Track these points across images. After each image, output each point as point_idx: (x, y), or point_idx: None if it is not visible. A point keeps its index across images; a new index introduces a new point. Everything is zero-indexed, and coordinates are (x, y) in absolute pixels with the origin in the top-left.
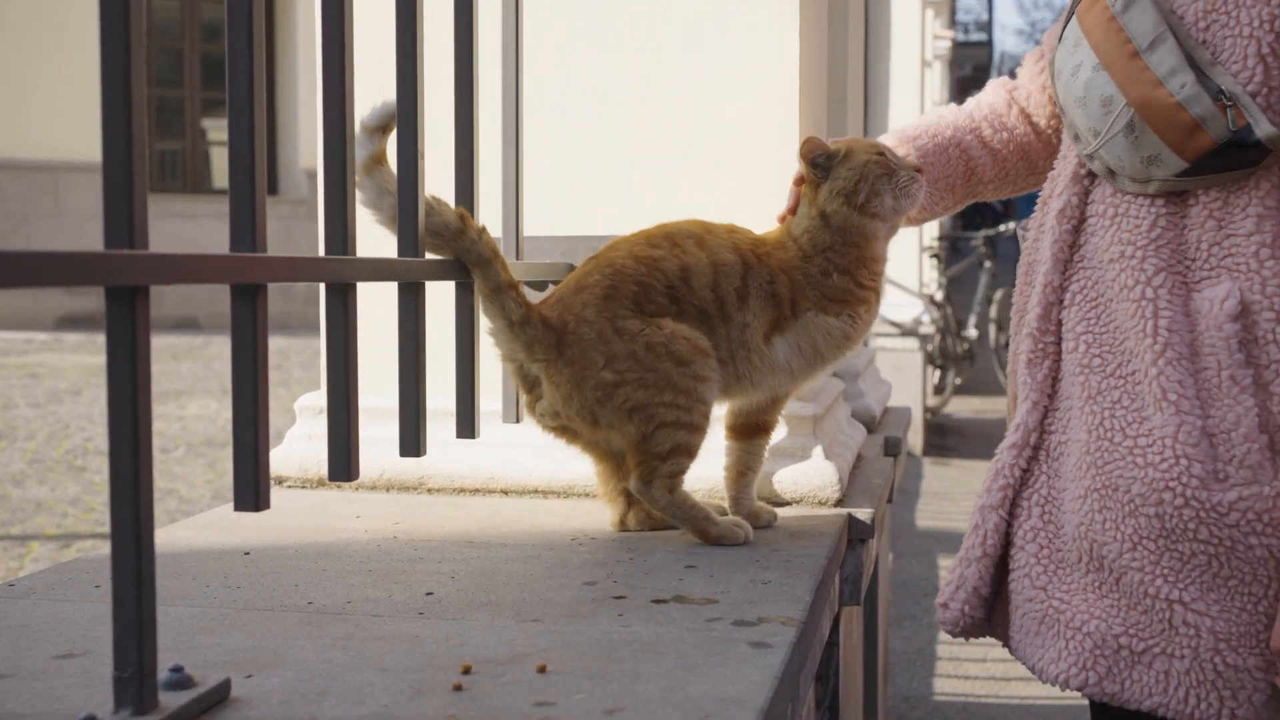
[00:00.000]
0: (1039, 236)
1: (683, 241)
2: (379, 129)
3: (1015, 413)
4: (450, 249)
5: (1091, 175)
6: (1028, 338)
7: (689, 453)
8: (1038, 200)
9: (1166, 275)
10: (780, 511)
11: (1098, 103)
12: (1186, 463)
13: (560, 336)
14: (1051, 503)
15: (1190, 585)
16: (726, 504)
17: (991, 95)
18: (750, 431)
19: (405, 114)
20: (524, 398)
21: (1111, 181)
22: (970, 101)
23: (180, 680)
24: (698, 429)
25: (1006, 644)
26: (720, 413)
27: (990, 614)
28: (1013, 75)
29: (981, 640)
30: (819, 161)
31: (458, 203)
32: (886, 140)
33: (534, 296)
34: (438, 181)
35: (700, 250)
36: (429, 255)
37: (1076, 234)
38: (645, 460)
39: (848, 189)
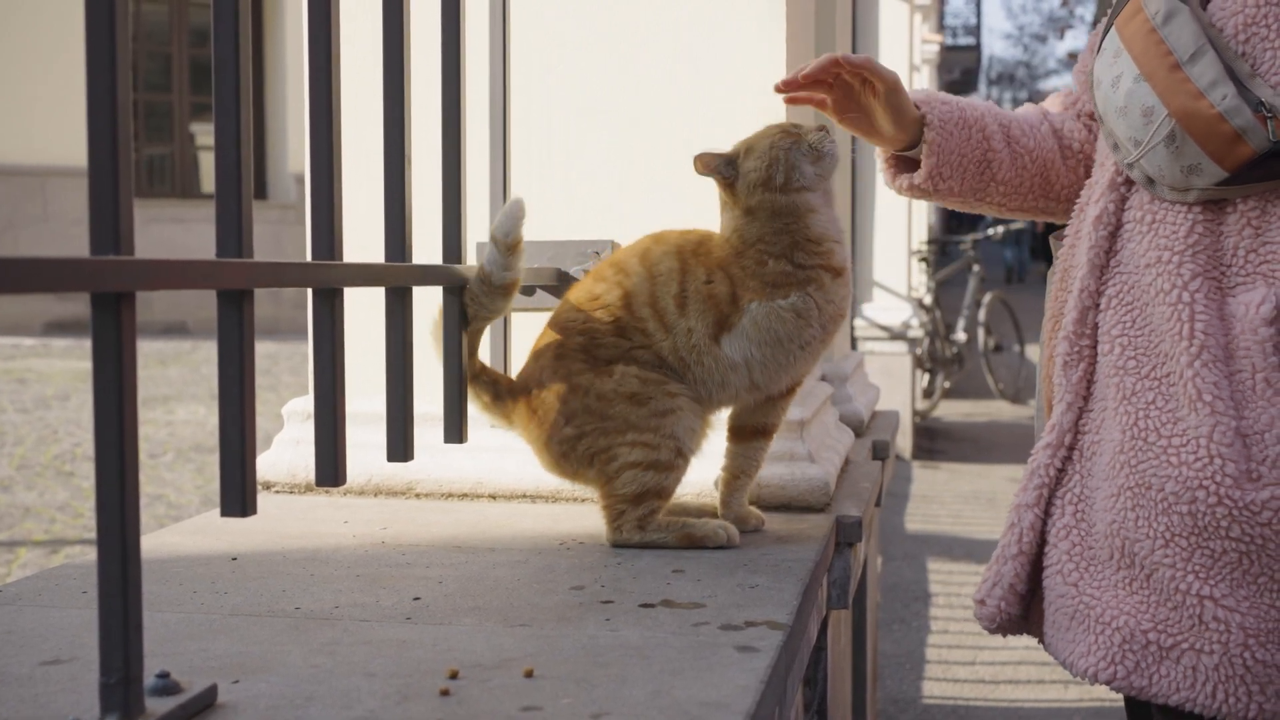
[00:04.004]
0: (1075, 242)
1: (627, 263)
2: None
3: (1051, 413)
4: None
5: (1128, 182)
6: (1064, 340)
7: (660, 494)
8: (1075, 207)
9: (1203, 280)
10: (768, 515)
11: (1139, 113)
12: (1220, 462)
13: (529, 403)
14: (1084, 501)
15: (1220, 582)
16: (717, 506)
17: (1025, 109)
18: (747, 434)
19: (392, 119)
20: None
21: (1150, 190)
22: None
23: (166, 686)
24: (668, 467)
25: (1041, 640)
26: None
27: (1027, 611)
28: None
29: (970, 644)
30: (721, 169)
31: (445, 207)
32: (917, 96)
33: (525, 302)
34: (425, 187)
35: (642, 266)
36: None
37: (1112, 240)
38: (613, 505)
39: (762, 178)
